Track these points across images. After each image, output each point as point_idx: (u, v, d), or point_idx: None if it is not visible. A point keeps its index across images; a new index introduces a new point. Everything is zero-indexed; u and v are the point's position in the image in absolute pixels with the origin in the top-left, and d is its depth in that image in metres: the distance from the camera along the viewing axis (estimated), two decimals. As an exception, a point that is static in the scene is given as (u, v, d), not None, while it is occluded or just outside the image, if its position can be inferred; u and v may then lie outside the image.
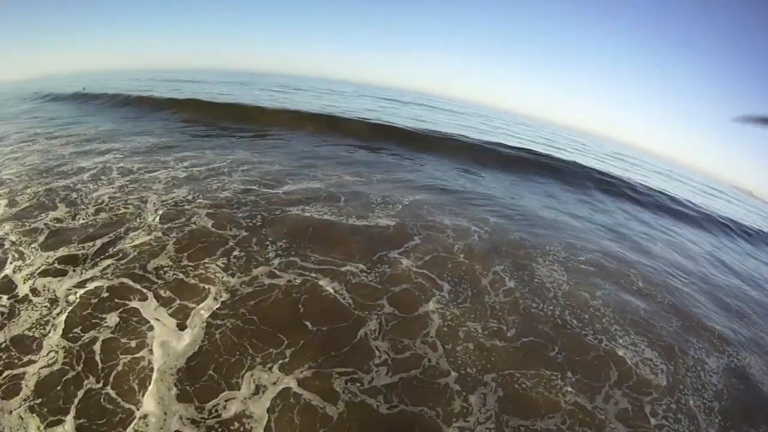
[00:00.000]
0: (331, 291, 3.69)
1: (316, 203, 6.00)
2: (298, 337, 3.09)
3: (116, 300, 3.37)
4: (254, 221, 5.00)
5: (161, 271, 3.75)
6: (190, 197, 5.54)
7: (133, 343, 2.96)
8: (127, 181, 6.02)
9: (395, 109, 22.43)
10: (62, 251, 3.96)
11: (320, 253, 4.35)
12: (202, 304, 3.34)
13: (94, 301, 3.36)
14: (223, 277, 3.70)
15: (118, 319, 3.18)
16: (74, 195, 5.23)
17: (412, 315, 3.51)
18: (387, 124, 13.46)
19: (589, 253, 5.92)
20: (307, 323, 3.25)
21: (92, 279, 3.59)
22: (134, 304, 3.35)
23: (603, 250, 6.23)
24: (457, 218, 6.30)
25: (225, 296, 3.46)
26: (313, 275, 3.90)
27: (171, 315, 3.23)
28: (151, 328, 3.12)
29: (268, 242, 4.46)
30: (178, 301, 3.38)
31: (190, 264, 3.88)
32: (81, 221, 4.55)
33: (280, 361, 2.83)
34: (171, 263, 3.88)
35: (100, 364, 2.76)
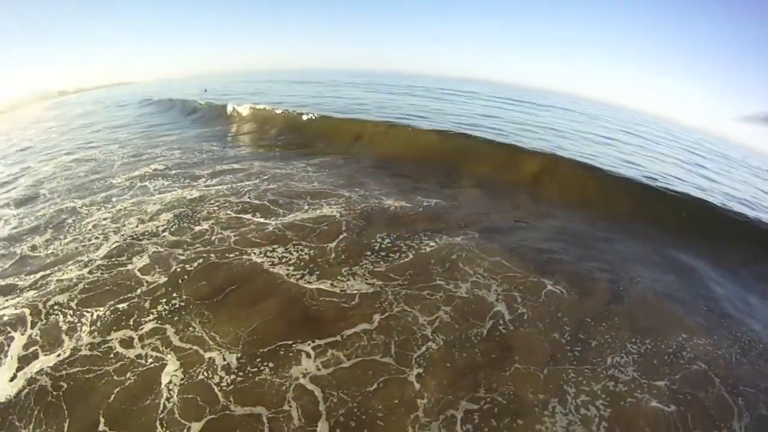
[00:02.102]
0: (163, 385, 3.46)
1: (297, 242, 5.97)
2: (78, 429, 3.09)
3: (8, 328, 4.21)
4: (190, 266, 5.31)
5: (53, 310, 4.44)
6: (161, 228, 6.37)
7: (-15, 372, 3.61)
8: (130, 204, 7.47)
9: (530, 114, 21.06)
10: (9, 280, 5.12)
11: (208, 325, 4.20)
12: (46, 357, 3.79)
13: (-9, 328, 4.23)
14: (84, 332, 4.07)
15: (-7, 346, 3.94)
16: (71, 220, 6.87)
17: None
18: (490, 139, 11.81)
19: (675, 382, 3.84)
20: (102, 420, 3.17)
21: (7, 308, 4.56)
22: (16, 335, 4.12)
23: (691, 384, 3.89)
24: (488, 285, 5.09)
25: (66, 353, 3.80)
26: (168, 356, 3.78)
27: (20, 359, 3.80)
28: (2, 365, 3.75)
29: (165, 299, 4.61)
30: (38, 345, 3.95)
31: (76, 310, 4.42)
32: (50, 251, 5.89)
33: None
34: (66, 302, 4.54)
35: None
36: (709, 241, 7.03)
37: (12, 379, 3.56)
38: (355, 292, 4.81)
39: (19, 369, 3.66)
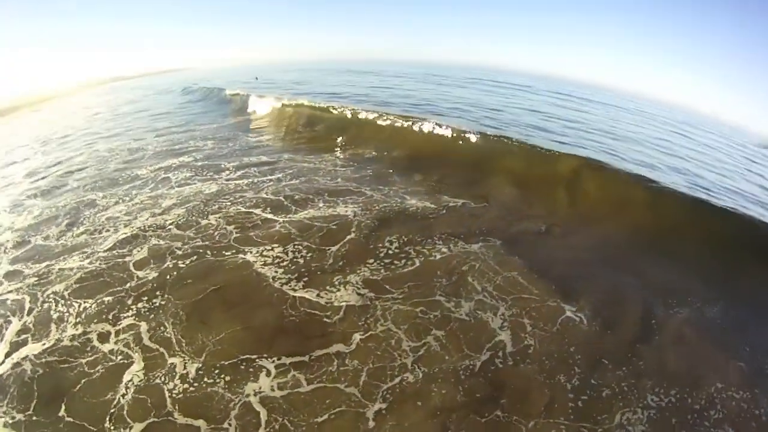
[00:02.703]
0: (123, 383, 3.62)
1: (298, 243, 5.91)
2: (49, 414, 3.36)
3: (7, 312, 4.65)
4: (183, 262, 5.50)
5: (49, 297, 4.83)
6: (169, 222, 6.72)
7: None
8: (148, 197, 7.94)
9: (578, 111, 19.71)
10: (17, 266, 5.65)
11: (179, 327, 4.29)
12: (33, 344, 4.13)
13: (-8, 311, 4.82)
14: (70, 323, 4.37)
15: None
16: (87, 212, 7.44)
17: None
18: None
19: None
20: (63, 406, 3.45)
21: (11, 292, 5.02)
22: (13, 319, 4.55)
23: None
24: (495, 306, 4.68)
25: (50, 342, 4.14)
26: (136, 355, 3.93)
27: (11, 345, 4.18)
28: (-6, 348, 4.26)
29: (147, 296, 4.79)
30: (29, 333, 4.30)
31: (68, 300, 4.75)
32: (60, 241, 6.42)
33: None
34: (61, 291, 4.92)
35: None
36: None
37: (0, 363, 3.96)
38: (342, 304, 4.67)
39: (8, 354, 4.04)
